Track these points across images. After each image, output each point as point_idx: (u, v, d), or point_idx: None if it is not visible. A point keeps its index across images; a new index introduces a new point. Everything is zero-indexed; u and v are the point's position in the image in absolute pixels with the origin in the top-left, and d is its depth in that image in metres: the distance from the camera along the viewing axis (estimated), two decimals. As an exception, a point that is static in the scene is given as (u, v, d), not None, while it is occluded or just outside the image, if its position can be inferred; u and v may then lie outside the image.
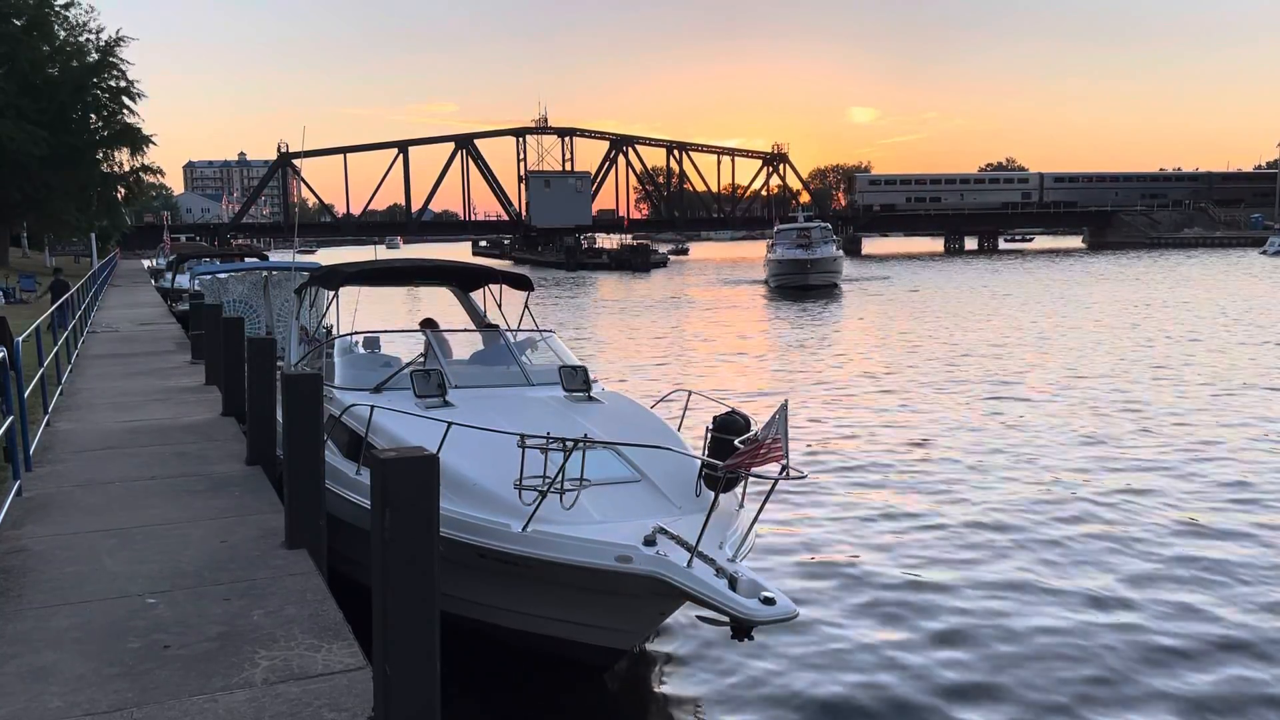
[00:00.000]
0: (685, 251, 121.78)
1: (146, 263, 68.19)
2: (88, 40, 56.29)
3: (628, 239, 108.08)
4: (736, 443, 5.76)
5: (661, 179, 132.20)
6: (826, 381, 21.02)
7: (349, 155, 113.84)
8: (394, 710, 4.30)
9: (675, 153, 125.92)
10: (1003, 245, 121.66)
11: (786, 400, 5.71)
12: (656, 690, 7.10)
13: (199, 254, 37.19)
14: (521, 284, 10.89)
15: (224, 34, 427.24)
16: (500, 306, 11.04)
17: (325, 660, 4.98)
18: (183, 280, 30.38)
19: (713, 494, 5.88)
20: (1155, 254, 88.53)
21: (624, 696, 7.02)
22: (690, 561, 5.48)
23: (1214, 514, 10.96)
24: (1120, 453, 13.90)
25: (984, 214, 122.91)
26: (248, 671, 4.85)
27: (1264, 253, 79.89)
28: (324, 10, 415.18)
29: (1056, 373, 21.51)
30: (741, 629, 5.33)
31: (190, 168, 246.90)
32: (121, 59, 55.88)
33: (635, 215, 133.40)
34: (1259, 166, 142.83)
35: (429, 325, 10.69)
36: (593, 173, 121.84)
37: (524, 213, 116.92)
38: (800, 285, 51.12)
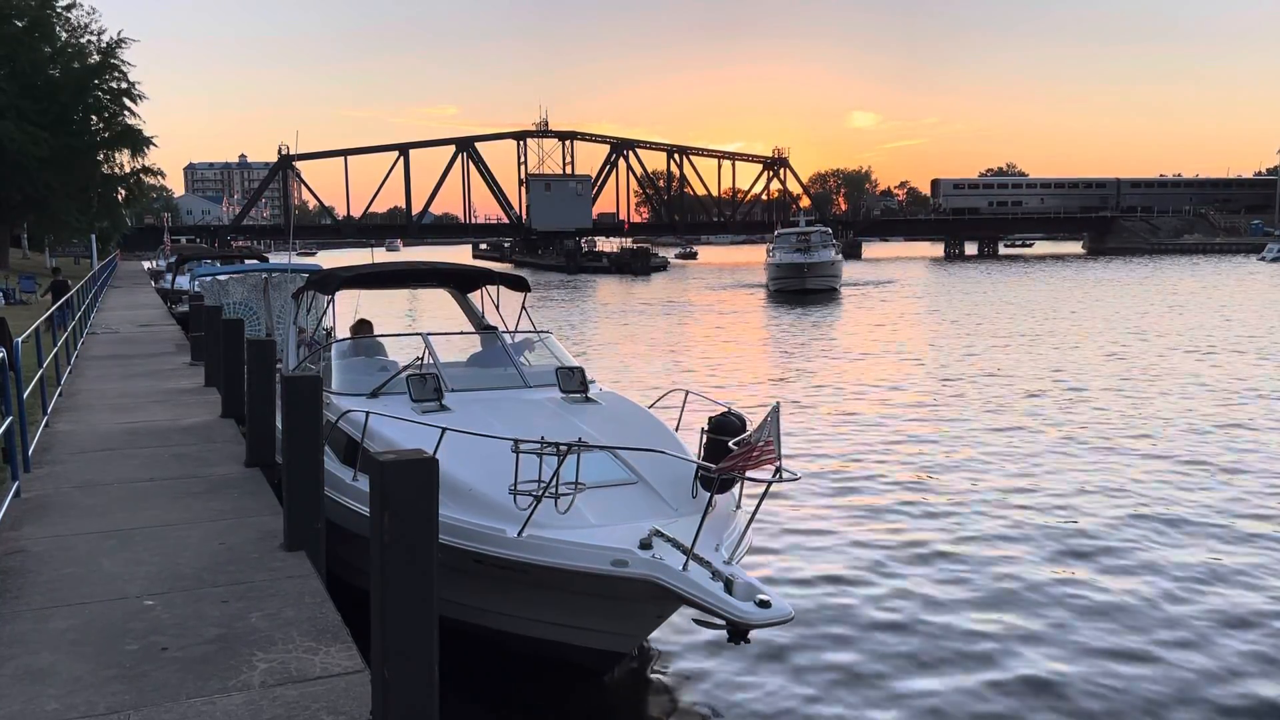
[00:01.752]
0: (694, 256, 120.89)
1: (147, 264, 68.20)
2: (89, 42, 56.27)
3: (628, 242, 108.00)
4: (730, 444, 5.77)
5: (662, 183, 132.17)
6: (822, 384, 21.02)
7: (350, 158, 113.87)
8: (392, 713, 4.30)
9: (676, 156, 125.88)
10: (1003, 250, 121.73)
11: (778, 403, 5.72)
12: (655, 693, 7.11)
13: (199, 255, 37.20)
14: (518, 285, 10.88)
15: (225, 36, 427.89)
16: (498, 308, 11.05)
17: (323, 663, 4.98)
18: (183, 282, 30.39)
19: (709, 494, 5.90)
20: (1155, 260, 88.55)
21: (622, 700, 7.02)
22: (686, 565, 5.49)
23: (1222, 551, 10.55)
24: (1124, 463, 13.92)
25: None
26: (245, 674, 4.85)
27: (1262, 259, 79.95)
28: (325, 12, 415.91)
29: (1062, 381, 21.53)
30: (738, 632, 5.33)
31: (191, 169, 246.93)
32: (123, 60, 55.88)
33: (636, 219, 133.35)
34: (1259, 173, 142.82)
35: (363, 326, 10.80)
36: (593, 176, 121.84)
37: (524, 216, 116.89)
38: (798, 289, 51.17)
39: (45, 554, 6.66)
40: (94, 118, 56.35)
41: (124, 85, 56.17)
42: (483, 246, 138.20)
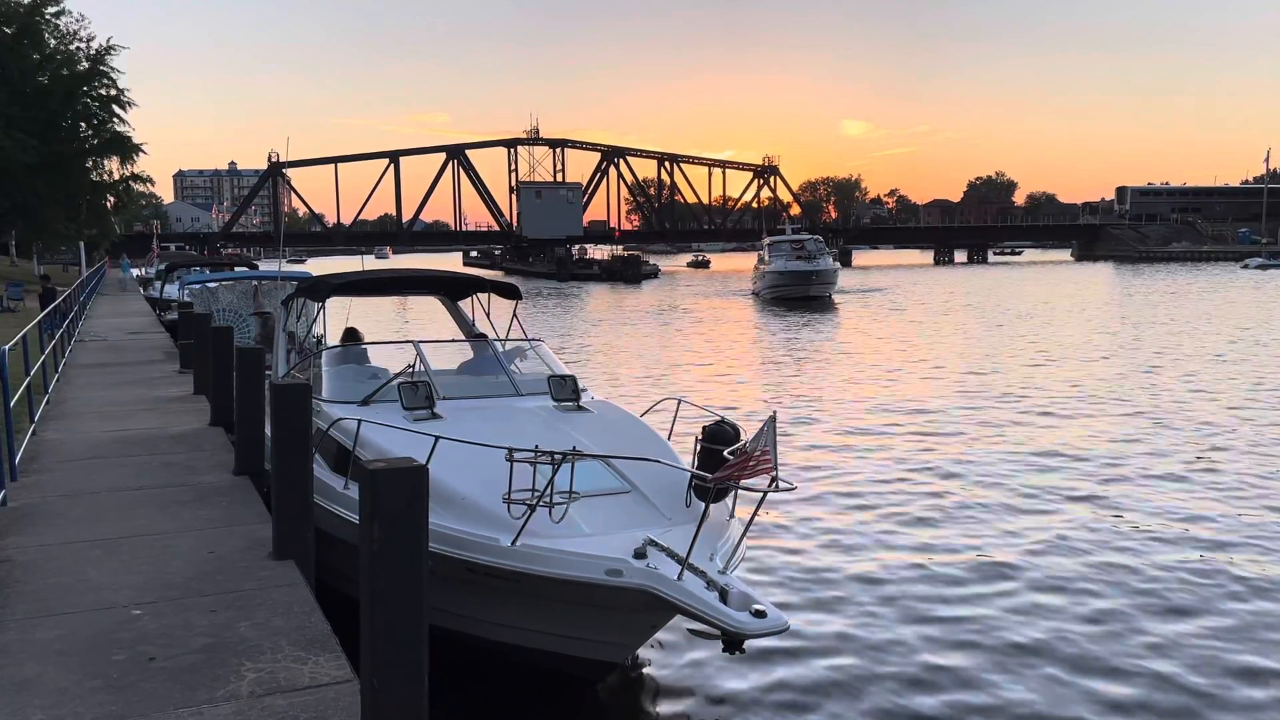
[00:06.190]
0: (706, 264, 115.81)
1: (135, 272, 67.88)
2: (78, 49, 56.07)
3: (619, 250, 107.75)
4: (725, 453, 5.75)
5: (653, 190, 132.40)
6: (820, 392, 21.02)
7: (340, 165, 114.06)
8: (382, 724, 4.26)
9: (667, 164, 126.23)
10: (992, 259, 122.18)
11: (775, 413, 5.71)
12: (649, 703, 7.07)
13: (189, 263, 37.08)
14: (509, 293, 10.87)
15: (214, 42, 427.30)
16: (489, 316, 11.02)
17: (312, 673, 4.93)
18: (172, 290, 30.28)
19: (703, 504, 5.87)
20: (1143, 267, 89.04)
21: (616, 709, 6.99)
22: (681, 574, 5.45)
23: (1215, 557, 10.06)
24: (1116, 470, 13.94)
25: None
26: (234, 684, 4.80)
27: (1245, 267, 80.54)
28: (316, 19, 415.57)
29: (1058, 386, 21.57)
30: (733, 642, 5.31)
31: (180, 177, 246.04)
32: (112, 67, 55.74)
33: (626, 226, 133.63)
34: (1245, 182, 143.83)
35: (351, 336, 10.78)
36: (584, 184, 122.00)
37: (515, 223, 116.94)
38: (801, 296, 51.47)
39: (31, 563, 6.59)
40: (83, 125, 56.14)
41: (113, 92, 55.95)
42: (473, 254, 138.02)
